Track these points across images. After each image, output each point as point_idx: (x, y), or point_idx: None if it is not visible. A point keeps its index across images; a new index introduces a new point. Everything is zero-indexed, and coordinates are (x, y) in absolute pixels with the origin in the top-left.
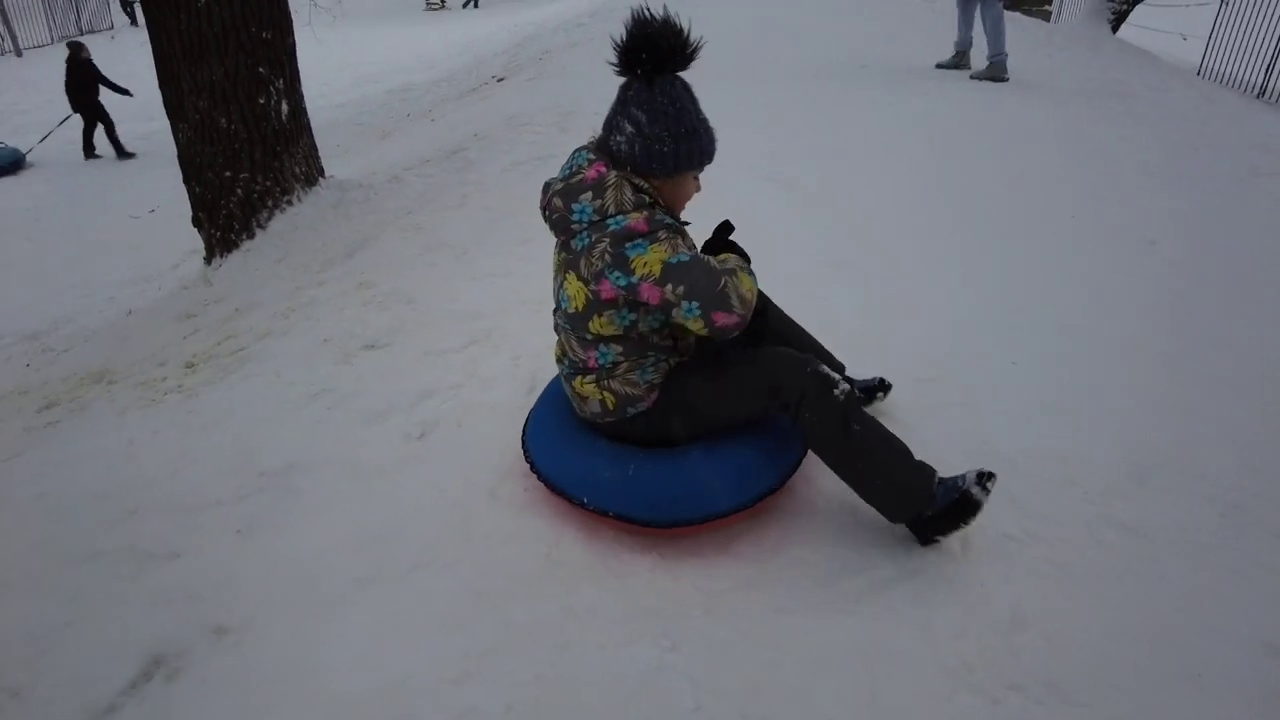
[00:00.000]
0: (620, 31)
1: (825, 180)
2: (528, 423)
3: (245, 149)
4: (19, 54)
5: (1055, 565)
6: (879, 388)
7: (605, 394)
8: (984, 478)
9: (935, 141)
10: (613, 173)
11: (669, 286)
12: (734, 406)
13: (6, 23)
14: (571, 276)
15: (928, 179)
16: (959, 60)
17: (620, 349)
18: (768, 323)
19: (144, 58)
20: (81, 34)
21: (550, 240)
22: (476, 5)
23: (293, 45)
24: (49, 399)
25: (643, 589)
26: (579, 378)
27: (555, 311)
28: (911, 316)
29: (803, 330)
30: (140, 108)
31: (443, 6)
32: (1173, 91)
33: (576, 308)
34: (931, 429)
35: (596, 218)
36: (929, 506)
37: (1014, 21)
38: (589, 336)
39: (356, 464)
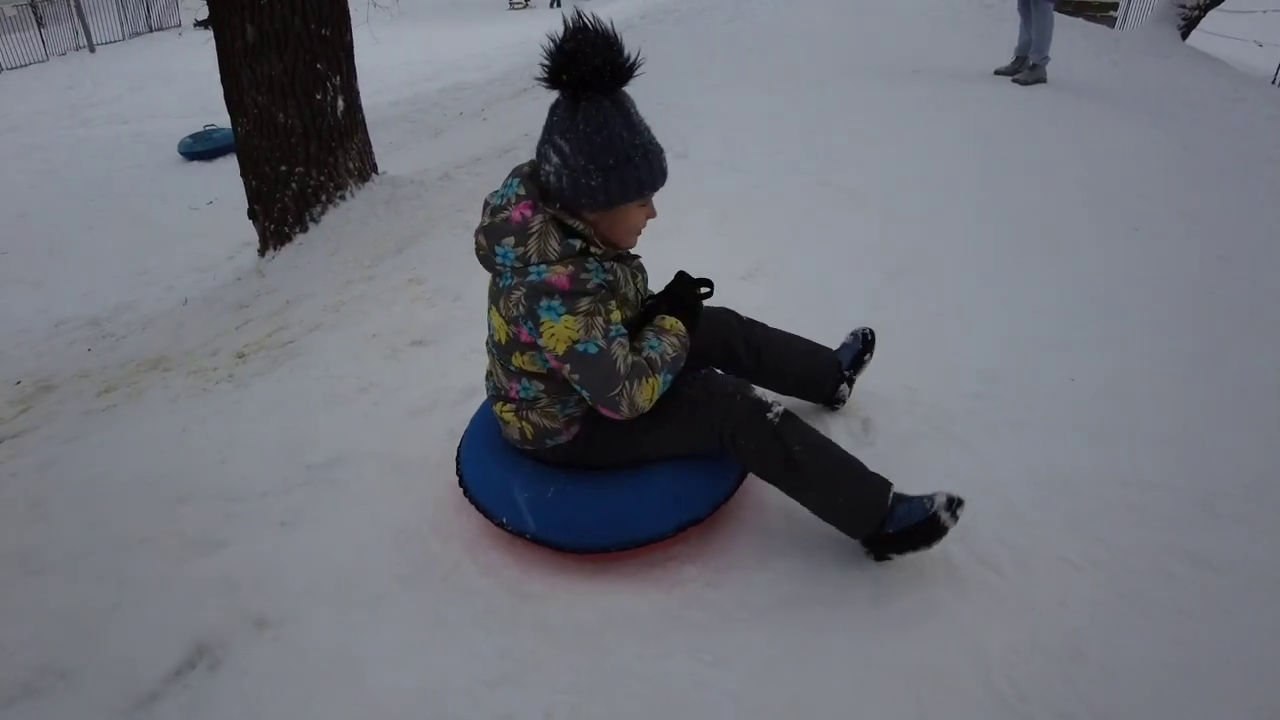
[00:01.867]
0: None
1: (878, 186)
2: (464, 435)
3: (301, 144)
4: (92, 49)
5: (1118, 594)
6: (864, 350)
7: (524, 424)
8: (954, 504)
9: (991, 149)
10: (538, 217)
11: (567, 368)
12: (661, 444)
13: (82, 19)
14: (495, 310)
15: (983, 187)
16: (1019, 65)
17: (543, 386)
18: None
19: (210, 55)
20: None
21: None
22: (558, 5)
23: (350, 43)
24: (108, 384)
25: (684, 600)
26: (500, 403)
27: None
28: (967, 329)
29: (789, 340)
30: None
31: (526, 5)
32: (1245, 101)
33: (500, 340)
34: (990, 447)
35: (519, 264)
36: (888, 523)
37: (1077, 27)
38: (512, 368)
39: (400, 459)
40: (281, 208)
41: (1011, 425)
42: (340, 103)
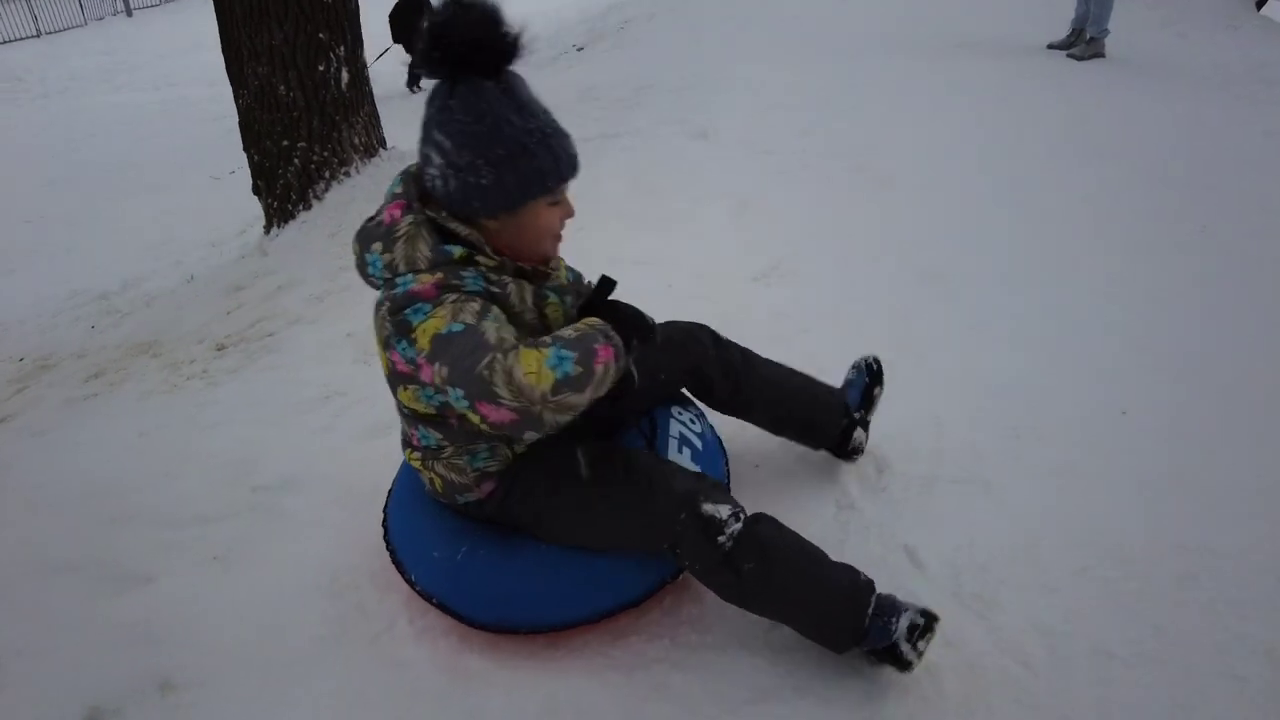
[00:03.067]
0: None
1: (913, 174)
2: (401, 468)
3: (303, 117)
4: (129, 14)
5: (1171, 700)
6: (872, 383)
7: (432, 475)
8: (915, 632)
9: (1040, 134)
10: (407, 218)
11: (436, 366)
12: (592, 535)
13: None
14: (375, 334)
15: (1030, 178)
16: (1075, 39)
17: (440, 434)
18: (630, 389)
19: None
20: None
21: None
22: None
23: (355, 9)
24: (97, 368)
25: (647, 688)
26: (408, 450)
27: None
28: (1008, 348)
29: (780, 374)
30: None
31: None
32: None
33: (384, 372)
34: (1025, 498)
35: (388, 275)
36: (865, 642)
37: None
38: (405, 410)
39: (350, 487)
40: (284, 184)
41: (1053, 471)
42: (344, 74)
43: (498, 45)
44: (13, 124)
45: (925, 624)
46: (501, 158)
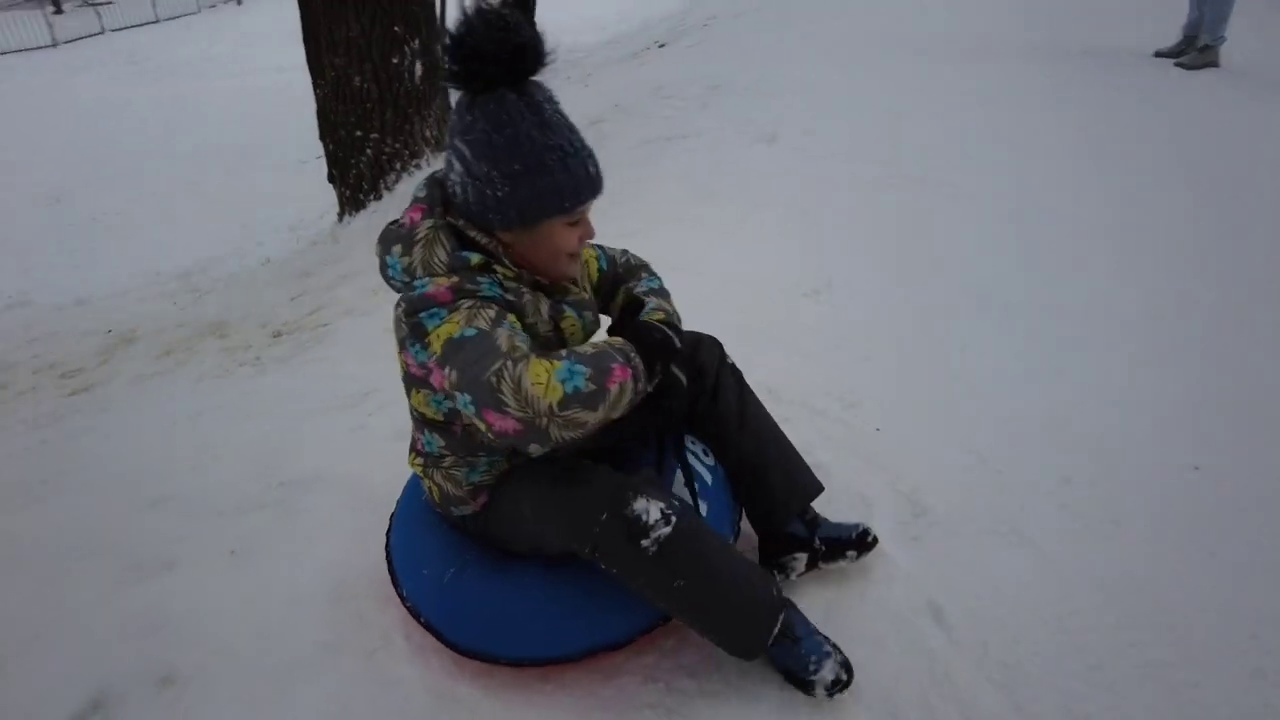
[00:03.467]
0: None
1: (990, 190)
2: (411, 476)
3: (376, 109)
4: (239, 1)
5: None
6: (851, 544)
7: (431, 484)
8: (837, 686)
9: (1135, 153)
10: (426, 222)
11: (446, 370)
12: (544, 536)
13: None
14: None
15: (1119, 203)
16: (1185, 46)
17: (443, 442)
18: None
19: None
20: None
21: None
22: None
23: (433, 3)
24: (169, 346)
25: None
26: (413, 454)
27: None
28: (1076, 383)
29: (770, 439)
30: None
31: None
32: None
33: (401, 373)
34: (1074, 559)
35: (406, 278)
36: (766, 655)
37: None
38: (415, 413)
39: (370, 490)
40: (357, 174)
41: (1107, 528)
42: (419, 67)
43: (518, 57)
44: (124, 105)
45: (847, 680)
46: (518, 173)
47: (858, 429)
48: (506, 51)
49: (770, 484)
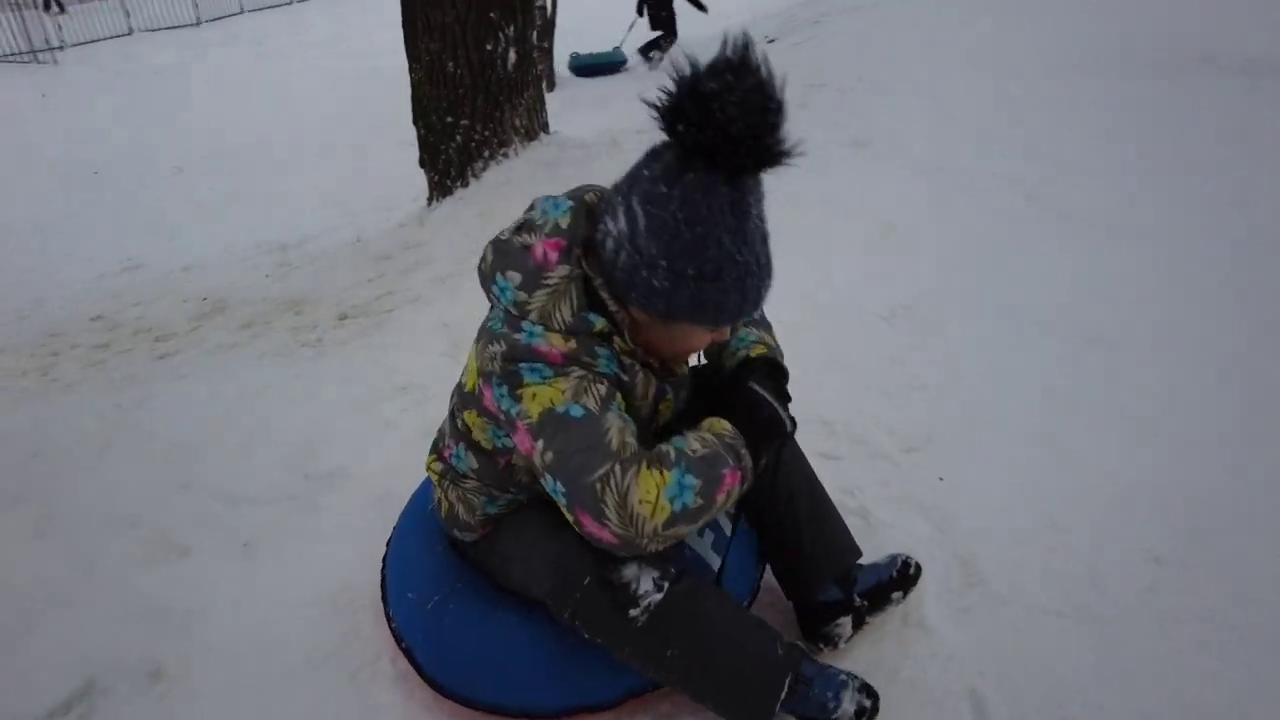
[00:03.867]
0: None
1: (1101, 212)
2: (415, 492)
3: (468, 95)
4: None
5: None
6: (893, 584)
7: (444, 497)
8: (863, 715)
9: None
10: (563, 268)
11: (539, 444)
12: (529, 589)
13: None
14: (476, 348)
15: (1258, 241)
16: None
17: (476, 464)
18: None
19: None
20: None
21: None
22: None
23: None
24: (250, 319)
25: None
26: (433, 457)
27: None
28: (1182, 449)
29: (806, 493)
30: None
31: None
32: None
33: (467, 386)
34: (1152, 659)
35: (514, 311)
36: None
37: None
38: (460, 425)
39: (386, 492)
40: (445, 159)
41: (1196, 627)
42: (512, 54)
43: (760, 145)
44: (242, 82)
45: (873, 707)
46: (689, 276)
47: (917, 476)
48: (752, 134)
49: (800, 546)
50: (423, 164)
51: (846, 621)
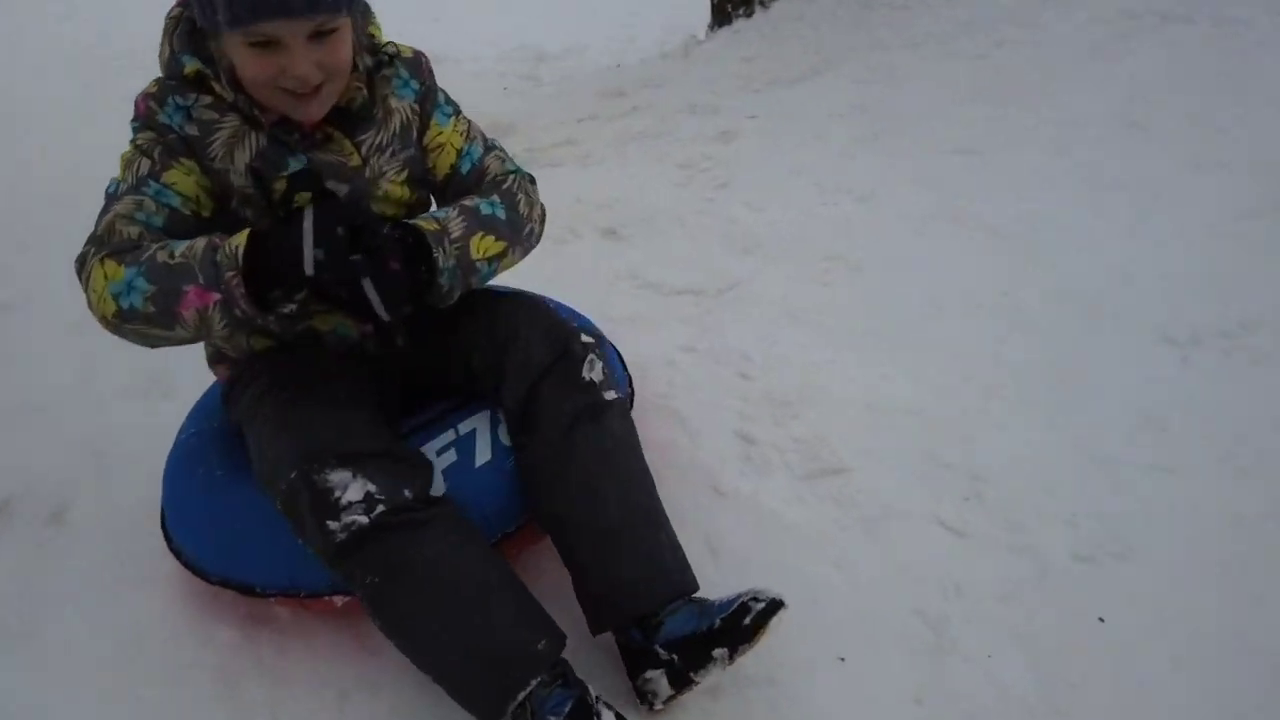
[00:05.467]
0: None
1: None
2: None
3: None
4: None
5: None
6: (713, 636)
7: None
8: None
9: None
10: (176, 8)
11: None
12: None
13: None
14: None
15: None
16: None
17: None
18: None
19: None
20: None
21: None
22: None
23: None
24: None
25: None
26: None
27: None
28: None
29: (609, 491)
30: None
31: None
32: None
33: None
34: None
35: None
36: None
37: None
38: None
39: None
40: None
41: None
42: None
43: None
44: None
45: None
46: None
47: None
48: None
49: (592, 569)
50: None
51: (658, 677)
